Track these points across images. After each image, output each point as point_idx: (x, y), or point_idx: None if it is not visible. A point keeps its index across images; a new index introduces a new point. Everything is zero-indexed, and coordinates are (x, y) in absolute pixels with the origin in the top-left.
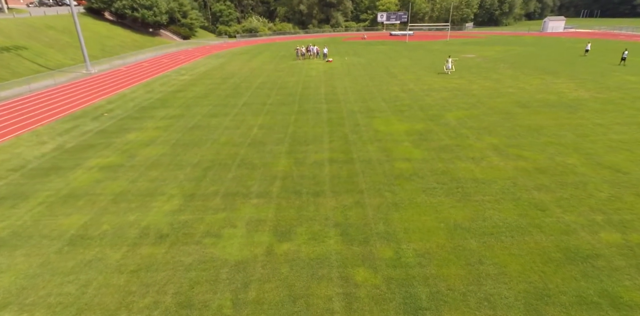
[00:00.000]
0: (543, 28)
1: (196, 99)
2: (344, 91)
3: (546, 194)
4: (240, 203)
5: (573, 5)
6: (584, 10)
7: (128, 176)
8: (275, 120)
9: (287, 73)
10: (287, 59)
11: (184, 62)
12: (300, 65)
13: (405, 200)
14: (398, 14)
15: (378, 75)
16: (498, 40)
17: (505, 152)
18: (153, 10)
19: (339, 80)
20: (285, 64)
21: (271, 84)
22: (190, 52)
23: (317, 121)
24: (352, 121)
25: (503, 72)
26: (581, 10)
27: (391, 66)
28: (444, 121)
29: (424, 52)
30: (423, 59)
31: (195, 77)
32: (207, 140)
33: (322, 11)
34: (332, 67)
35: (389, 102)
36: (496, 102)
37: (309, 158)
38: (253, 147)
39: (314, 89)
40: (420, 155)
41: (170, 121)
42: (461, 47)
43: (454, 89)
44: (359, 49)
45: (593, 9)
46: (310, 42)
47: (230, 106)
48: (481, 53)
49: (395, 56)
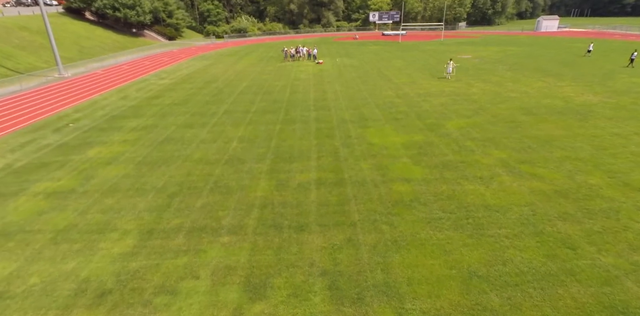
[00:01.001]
0: (537, 27)
1: (173, 107)
2: (334, 96)
3: (573, 226)
4: (207, 242)
5: (564, 4)
6: (574, 10)
7: (78, 204)
8: (257, 131)
9: (274, 76)
10: (276, 60)
11: (166, 64)
12: (289, 67)
13: (406, 236)
14: (390, 14)
15: (371, 78)
16: (493, 40)
17: (517, 170)
18: (136, 10)
19: (330, 84)
20: (273, 66)
21: (256, 88)
22: (174, 54)
23: (304, 132)
24: (343, 132)
25: (503, 74)
26: (572, 10)
27: (384, 67)
28: (444, 131)
29: (418, 53)
30: (417, 60)
31: (175, 81)
32: (179, 157)
33: (313, 11)
34: (323, 69)
35: (384, 109)
36: (499, 109)
37: (293, 179)
38: (230, 166)
39: (303, 94)
40: (421, 174)
41: (140, 133)
42: (456, 47)
43: (453, 94)
44: (351, 49)
45: (583, 8)
46: (300, 43)
47: (209, 115)
48: (477, 54)
49: (388, 57)
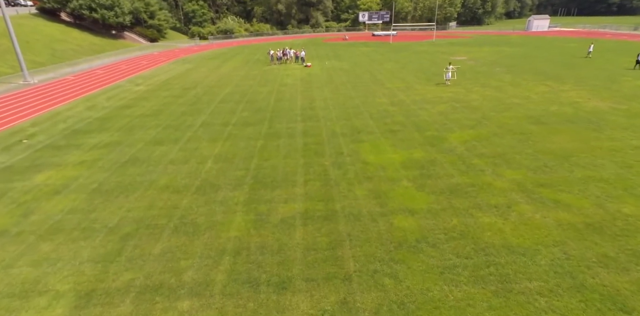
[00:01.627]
0: (527, 27)
1: (144, 119)
2: (324, 104)
3: (619, 276)
4: (161, 310)
5: (550, 3)
6: (561, 9)
7: (5, 253)
8: (236, 148)
9: (259, 81)
10: (262, 64)
11: (144, 68)
12: (275, 71)
13: (415, 294)
14: (380, 14)
15: (363, 83)
16: (485, 41)
17: (537, 196)
18: (114, 11)
19: (319, 89)
20: (258, 70)
21: (239, 95)
22: (154, 57)
23: (290, 148)
24: (334, 148)
25: (502, 77)
26: (559, 9)
27: (376, 71)
28: (447, 146)
29: (411, 55)
30: (410, 62)
31: (151, 88)
32: (141, 183)
33: (301, 11)
34: (311, 73)
35: (378, 119)
36: (505, 118)
37: (275, 212)
38: (201, 195)
39: (289, 102)
40: (426, 203)
41: (102, 152)
42: (449, 48)
43: (452, 100)
44: (341, 51)
45: (570, 8)
46: (288, 45)
47: (184, 128)
48: (472, 55)
49: (380, 59)
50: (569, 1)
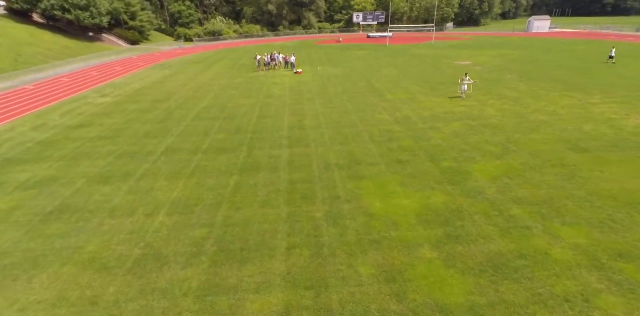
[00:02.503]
0: (527, 28)
1: (97, 142)
2: (315, 121)
3: None
4: None
5: (544, 4)
6: (555, 9)
7: None
8: (202, 189)
9: (242, 91)
10: (248, 69)
11: (117, 75)
12: (262, 79)
13: None
14: (375, 14)
15: (360, 93)
16: (486, 43)
17: (621, 276)
18: (90, 11)
19: (310, 102)
20: (243, 76)
21: (217, 110)
22: (132, 62)
23: (270, 189)
24: (327, 189)
25: (516, 86)
26: (553, 9)
27: (374, 78)
28: (473, 186)
29: (410, 59)
30: (410, 67)
31: (119, 100)
32: (60, 252)
33: (293, 11)
34: (302, 80)
35: (381, 143)
36: (535, 142)
37: (240, 314)
38: (137, 277)
39: (274, 119)
40: (463, 292)
41: (26, 195)
42: (450, 51)
43: (466, 116)
44: (334, 54)
45: (565, 8)
46: (277, 48)
47: (142, 156)
48: (476, 59)
49: (377, 63)
50: (563, 1)
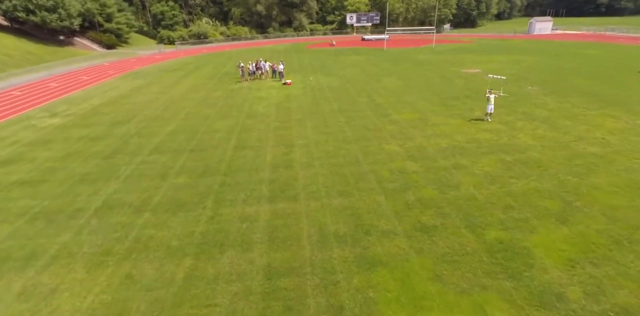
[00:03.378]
0: (529, 30)
1: (13, 192)
2: (306, 155)
3: None
4: None
5: (538, 4)
6: (549, 10)
7: None
8: (131, 292)
9: (220, 109)
10: (230, 79)
11: (81, 86)
12: (246, 91)
13: None
14: (369, 15)
15: (359, 111)
16: (490, 46)
17: None
18: (58, 13)
19: (299, 125)
20: (224, 89)
21: (185, 137)
22: (102, 70)
23: (236, 290)
24: (324, 293)
25: (543, 102)
26: (546, 10)
27: (374, 90)
28: (543, 283)
29: (412, 66)
30: (414, 77)
31: (68, 122)
32: None
33: (283, 12)
34: (291, 94)
35: (394, 195)
36: (599, 190)
37: None
38: None
39: (255, 152)
40: None
41: None
42: (454, 56)
43: (496, 147)
44: (328, 60)
45: (558, 8)
46: (264, 54)
47: (63, 220)
48: (485, 66)
49: (376, 72)
50: (557, 2)
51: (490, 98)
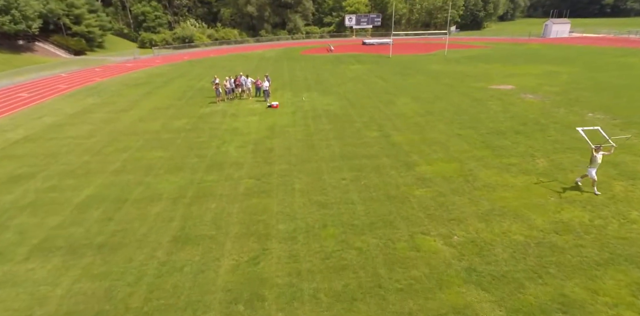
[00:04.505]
0: (545, 33)
1: None
2: (289, 263)
3: None
4: None
5: (541, 5)
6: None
7: None
8: None
9: (175, 152)
10: (204, 98)
11: (12, 109)
12: (218, 118)
13: None
14: (370, 17)
15: (371, 159)
16: (509, 53)
17: None
18: (11, 15)
19: (283, 187)
20: (190, 114)
21: (101, 214)
22: (53, 83)
23: None
24: None
25: (637, 148)
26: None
27: (388, 120)
28: None
29: (426, 79)
30: (434, 96)
31: None
32: None
33: (276, 13)
34: (276, 125)
35: None
36: None
37: None
38: None
39: (203, 255)
40: None
41: None
42: (473, 67)
43: (607, 248)
44: (325, 70)
45: (562, 9)
46: (248, 65)
47: None
48: (518, 81)
49: (384, 88)
50: (560, 2)
51: (597, 159)
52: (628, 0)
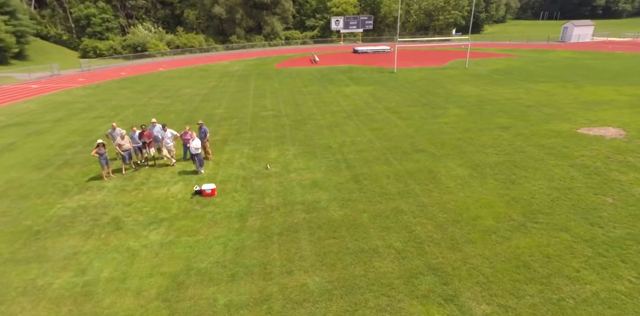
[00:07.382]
0: (564, 36)
1: None
2: None
3: None
4: None
5: (530, 6)
6: (543, 12)
7: None
8: None
9: None
10: (90, 164)
11: None
12: (76, 238)
13: None
14: (361, 19)
15: None
16: (549, 64)
17: None
18: None
19: None
20: (26, 220)
21: None
22: None
23: None
24: None
25: None
26: (540, 12)
27: (440, 227)
28: None
29: (467, 114)
30: (503, 155)
31: None
32: None
33: (251, 16)
34: (191, 266)
35: None
36: None
37: None
38: None
39: None
40: None
41: None
42: (521, 89)
43: None
44: (308, 99)
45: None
46: (154, 117)
47: None
48: (619, 119)
49: (407, 135)
50: (551, 4)
51: None
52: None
